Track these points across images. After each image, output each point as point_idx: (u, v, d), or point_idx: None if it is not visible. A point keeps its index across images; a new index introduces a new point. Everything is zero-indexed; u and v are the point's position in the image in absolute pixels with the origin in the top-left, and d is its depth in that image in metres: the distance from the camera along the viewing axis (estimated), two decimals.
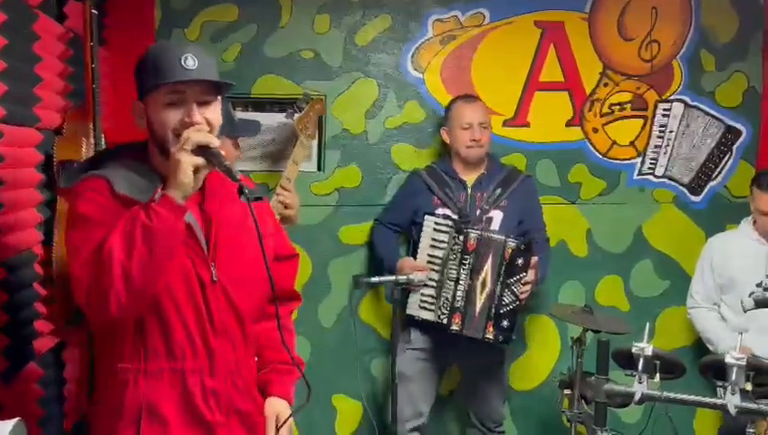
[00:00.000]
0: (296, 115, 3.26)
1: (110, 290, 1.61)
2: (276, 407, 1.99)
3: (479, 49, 3.66)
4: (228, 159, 2.78)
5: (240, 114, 3.11)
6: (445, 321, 3.15)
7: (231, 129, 2.79)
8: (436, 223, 3.21)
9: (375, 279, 3.00)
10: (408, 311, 3.21)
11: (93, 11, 2.39)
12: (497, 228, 3.25)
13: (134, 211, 1.65)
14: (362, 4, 3.57)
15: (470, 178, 3.35)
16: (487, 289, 3.14)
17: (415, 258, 3.25)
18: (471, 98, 3.43)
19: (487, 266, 3.14)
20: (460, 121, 3.32)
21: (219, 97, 1.80)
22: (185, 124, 1.71)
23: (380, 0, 3.58)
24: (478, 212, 3.28)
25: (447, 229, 3.18)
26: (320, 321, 3.63)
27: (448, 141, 3.40)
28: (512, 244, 3.14)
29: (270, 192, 3.50)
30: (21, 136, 2.19)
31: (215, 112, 1.77)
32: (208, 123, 1.74)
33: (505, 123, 3.71)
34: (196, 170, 1.67)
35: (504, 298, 3.14)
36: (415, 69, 3.63)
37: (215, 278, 1.79)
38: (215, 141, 1.69)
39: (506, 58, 3.68)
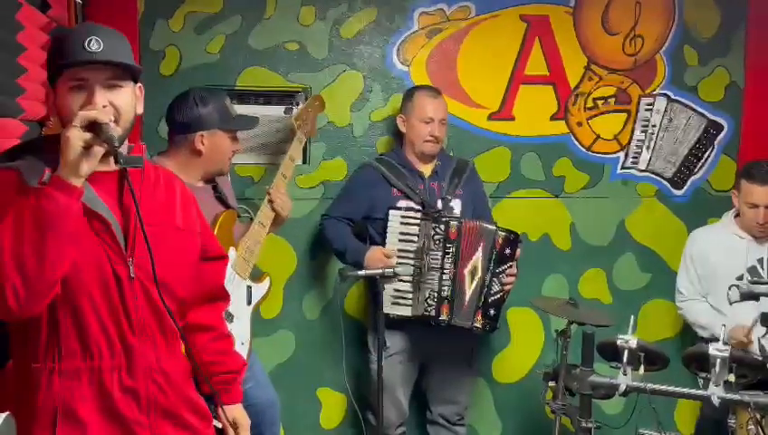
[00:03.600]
0: (295, 111, 3.23)
1: (5, 283, 1.52)
2: (231, 413, 2.04)
3: (465, 42, 3.66)
4: (224, 152, 2.79)
5: None
6: (432, 312, 3.13)
7: (226, 121, 2.79)
8: (403, 216, 3.16)
9: (361, 272, 2.99)
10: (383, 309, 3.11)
11: (77, 0, 2.35)
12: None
13: (23, 197, 1.56)
14: None
15: (426, 169, 3.35)
16: (478, 278, 3.14)
17: None
18: (435, 92, 3.38)
19: (478, 255, 3.14)
20: (422, 114, 3.30)
21: (133, 82, 1.72)
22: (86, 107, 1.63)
23: None
24: (440, 202, 3.28)
25: (417, 221, 3.15)
26: (304, 314, 3.63)
27: (404, 130, 3.37)
28: (502, 233, 3.15)
29: (254, 185, 3.51)
30: (4, 127, 2.16)
31: (124, 96, 1.68)
32: (115, 108, 1.65)
33: (490, 117, 3.72)
34: (87, 148, 1.57)
35: (493, 287, 3.15)
36: (401, 62, 3.63)
37: (132, 275, 1.71)
38: (103, 117, 1.59)
39: (492, 51, 3.68)
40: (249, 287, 2.93)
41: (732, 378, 2.45)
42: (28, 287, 1.54)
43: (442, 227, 3.13)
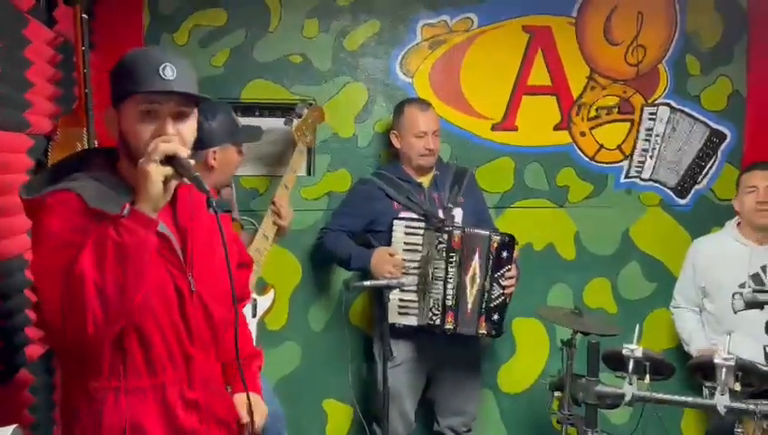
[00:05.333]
0: (295, 122, 3.25)
1: (86, 311, 1.56)
2: (243, 400, 2.01)
3: (468, 53, 3.68)
4: (233, 165, 2.82)
5: None
6: (438, 321, 3.14)
7: (234, 135, 2.80)
8: (407, 226, 3.17)
9: (367, 283, 2.97)
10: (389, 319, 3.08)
11: (84, 15, 2.38)
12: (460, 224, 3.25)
13: (103, 228, 1.60)
14: (351, 9, 3.58)
15: (424, 180, 3.36)
16: (477, 285, 3.14)
17: None
18: (425, 104, 3.39)
19: (475, 262, 3.14)
20: (414, 129, 3.31)
21: (195, 109, 1.76)
22: (156, 137, 1.67)
23: (369, 5, 3.59)
24: (441, 212, 3.28)
25: (421, 231, 3.16)
26: (310, 325, 3.63)
27: (398, 146, 3.39)
28: (496, 238, 3.15)
29: (259, 197, 3.53)
30: (11, 141, 2.18)
31: (190, 127, 1.73)
32: (181, 138, 1.69)
33: (494, 127, 3.73)
34: (166, 181, 1.63)
35: (493, 292, 3.15)
36: (404, 73, 3.65)
37: (193, 289, 1.77)
38: (183, 151, 1.65)
39: (494, 62, 3.70)
40: (254, 300, 2.94)
41: (738, 387, 2.44)
42: (107, 315, 1.59)
43: (445, 236, 3.13)
